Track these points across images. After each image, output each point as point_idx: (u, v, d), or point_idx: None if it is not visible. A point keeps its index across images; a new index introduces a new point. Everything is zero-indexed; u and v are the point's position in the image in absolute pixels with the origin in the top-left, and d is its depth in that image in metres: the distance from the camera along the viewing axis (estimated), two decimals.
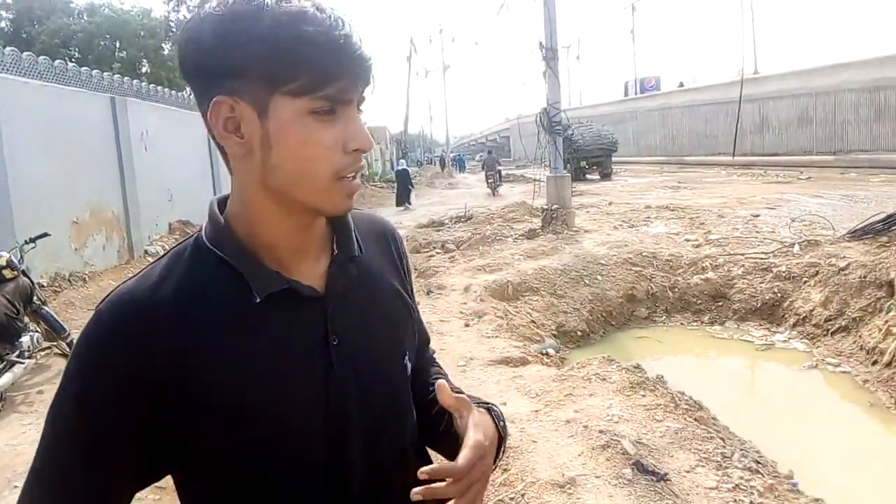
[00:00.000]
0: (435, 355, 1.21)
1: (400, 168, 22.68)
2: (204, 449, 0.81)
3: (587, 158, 24.88)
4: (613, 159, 26.17)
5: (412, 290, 1.07)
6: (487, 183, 22.90)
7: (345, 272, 0.89)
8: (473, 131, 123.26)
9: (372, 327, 0.91)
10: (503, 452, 0.99)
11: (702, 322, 7.25)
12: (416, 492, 0.79)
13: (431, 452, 1.05)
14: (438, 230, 13.38)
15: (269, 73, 0.75)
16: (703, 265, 7.85)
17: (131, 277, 0.85)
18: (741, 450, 3.37)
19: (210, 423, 0.79)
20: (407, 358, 0.96)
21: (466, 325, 6.24)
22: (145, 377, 0.77)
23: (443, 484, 0.79)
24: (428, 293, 7.53)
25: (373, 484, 0.89)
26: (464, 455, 0.81)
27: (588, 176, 25.06)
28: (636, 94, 46.28)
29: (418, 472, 0.80)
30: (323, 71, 0.75)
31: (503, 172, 25.56)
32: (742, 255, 7.88)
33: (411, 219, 15.87)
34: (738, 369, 6.37)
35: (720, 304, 7.35)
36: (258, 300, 0.80)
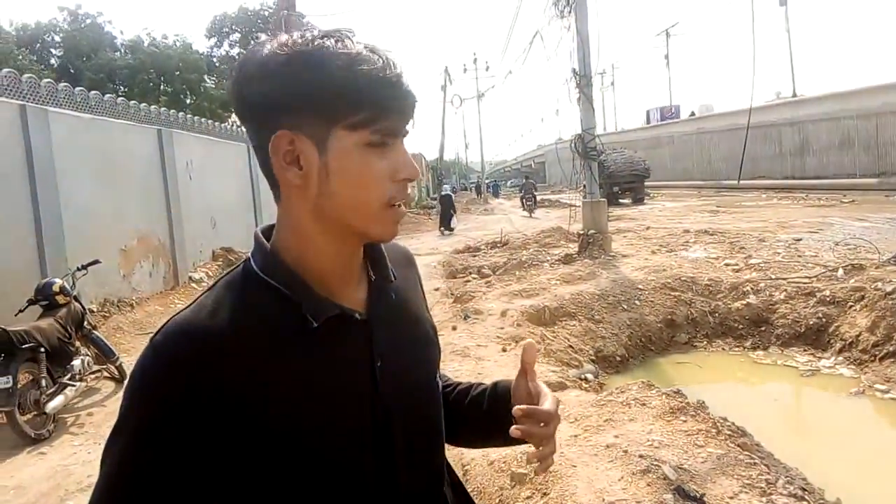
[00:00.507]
0: (470, 379, 1.29)
1: (444, 193, 23.59)
2: (257, 476, 0.82)
3: (619, 184, 25.05)
4: (649, 183, 26.23)
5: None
6: (524, 205, 25.48)
7: (384, 296, 0.95)
8: (507, 157, 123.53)
9: (409, 349, 0.96)
10: None
11: (744, 347, 7.13)
12: (515, 429, 0.90)
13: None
14: (475, 255, 13.43)
15: (330, 108, 0.81)
16: (744, 290, 7.73)
17: (184, 308, 0.86)
18: (786, 476, 3.31)
19: (264, 449, 0.81)
20: (438, 377, 1.03)
21: (504, 350, 6.24)
22: (201, 407, 0.79)
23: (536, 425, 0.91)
24: (465, 318, 7.56)
25: (413, 499, 0.93)
26: (548, 402, 0.95)
27: (621, 201, 25.08)
28: (657, 121, 46.63)
29: (514, 410, 0.91)
30: (379, 106, 0.81)
31: (538, 197, 27.17)
32: (784, 279, 7.75)
33: (448, 244, 15.96)
34: (783, 395, 6.24)
35: (762, 329, 7.22)
36: (315, 325, 0.84)
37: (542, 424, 0.93)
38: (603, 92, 54.22)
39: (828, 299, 7.03)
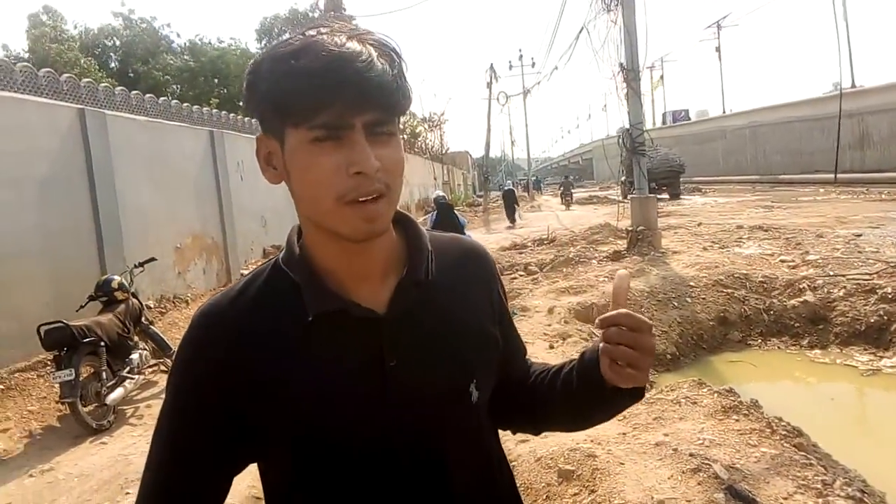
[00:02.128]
0: None
1: (506, 188, 25.31)
2: (273, 445, 0.89)
3: (656, 180, 25.06)
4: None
5: (505, 317, 1.06)
6: (563, 200, 29.35)
7: (408, 295, 0.91)
8: (552, 154, 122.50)
9: (433, 352, 0.91)
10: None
11: (800, 346, 6.92)
12: (599, 319, 0.88)
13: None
14: (521, 252, 13.37)
15: (274, 109, 0.82)
16: (801, 287, 7.50)
17: (217, 293, 0.94)
18: (844, 478, 3.21)
19: (273, 428, 0.87)
20: (474, 385, 0.94)
21: (551, 347, 6.21)
22: (220, 376, 0.86)
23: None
24: (512, 315, 7.53)
25: (438, 501, 0.91)
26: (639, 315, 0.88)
27: (658, 197, 25.26)
28: (672, 123, 48.18)
29: (596, 320, 0.88)
30: (310, 101, 0.78)
31: (574, 194, 31.20)
32: (843, 276, 7.49)
33: (494, 241, 15.92)
34: (842, 395, 6.03)
35: (820, 327, 7.00)
36: (310, 318, 0.85)
37: (627, 329, 0.86)
38: (654, 88, 53.23)
39: (890, 296, 6.77)
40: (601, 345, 0.89)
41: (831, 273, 7.66)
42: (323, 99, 0.78)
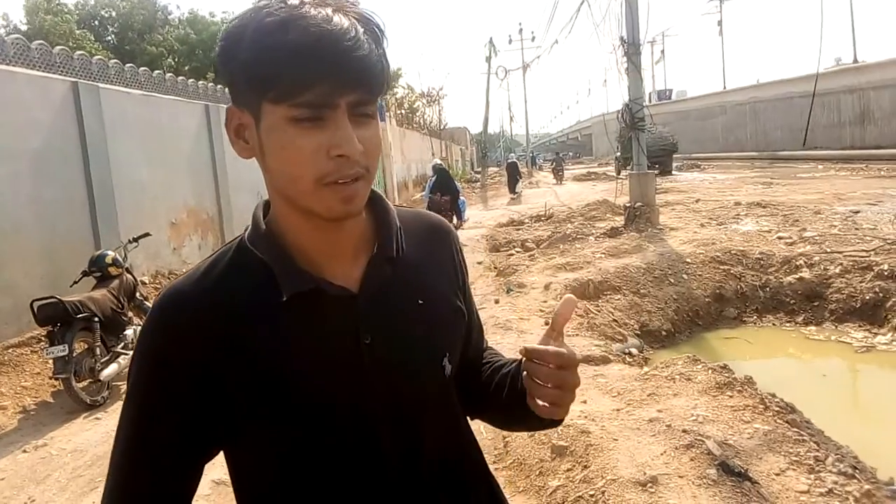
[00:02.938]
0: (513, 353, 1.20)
1: (510, 160, 25.94)
2: (246, 424, 0.86)
3: (650, 157, 25.36)
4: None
5: (466, 289, 1.06)
6: (555, 175, 31.04)
7: (380, 272, 0.90)
8: (551, 130, 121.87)
9: (407, 327, 0.91)
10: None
11: (796, 323, 6.93)
12: (524, 349, 0.87)
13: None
14: (518, 229, 13.35)
15: (253, 82, 0.78)
16: (798, 263, 7.49)
17: (182, 274, 0.91)
18: (836, 454, 3.21)
19: (246, 406, 0.84)
20: (447, 359, 0.94)
21: (546, 324, 6.19)
22: (185, 360, 0.83)
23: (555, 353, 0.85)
24: (507, 291, 7.53)
25: (408, 478, 0.91)
26: (566, 349, 0.86)
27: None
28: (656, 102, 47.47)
29: (520, 349, 0.87)
30: (294, 79, 0.75)
31: (566, 171, 33.62)
32: (840, 252, 7.47)
33: (491, 217, 15.89)
34: (836, 372, 6.05)
35: (816, 304, 7.00)
36: (284, 298, 0.83)
37: (553, 367, 0.85)
38: (654, 63, 52.75)
39: (886, 273, 6.76)
40: (523, 374, 0.89)
41: (828, 250, 7.65)
42: (308, 78, 0.75)
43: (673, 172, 27.12)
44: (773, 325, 6.98)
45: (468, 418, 1.06)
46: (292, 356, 0.84)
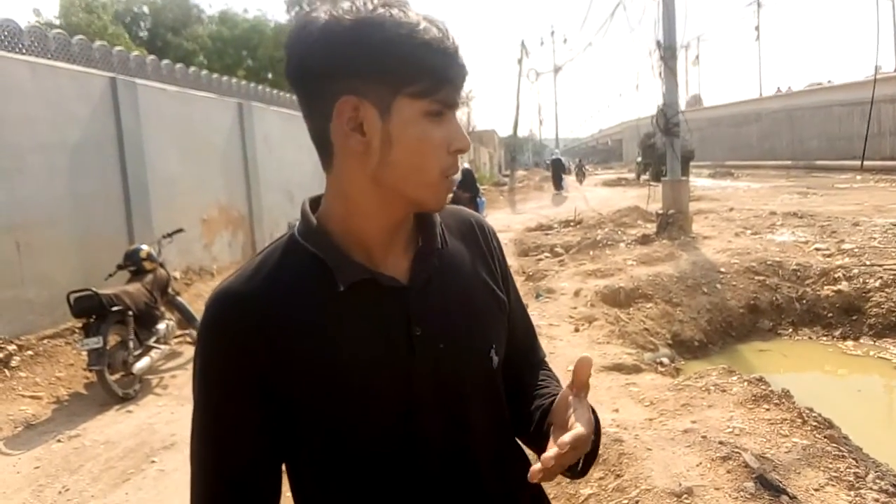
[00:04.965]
0: (546, 358, 1.20)
1: (554, 157, 27.90)
2: (301, 419, 0.87)
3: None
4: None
5: (507, 282, 1.07)
6: (577, 178, 32.21)
7: (428, 264, 0.93)
8: (581, 135, 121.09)
9: (455, 318, 0.93)
10: (590, 464, 0.97)
11: (833, 337, 6.76)
12: (535, 471, 0.81)
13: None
14: (547, 234, 13.26)
15: (396, 75, 0.81)
16: (836, 276, 7.32)
17: (233, 273, 0.93)
18: (877, 471, 3.12)
19: (299, 396, 0.86)
20: (493, 351, 0.97)
21: (576, 330, 6.14)
22: (245, 356, 0.85)
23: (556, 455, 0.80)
24: (537, 297, 7.47)
25: (455, 469, 0.92)
26: (576, 434, 0.81)
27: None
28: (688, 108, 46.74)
29: (542, 458, 0.80)
30: (439, 76, 0.82)
31: (587, 174, 35.89)
32: (880, 266, 7.28)
33: (519, 222, 15.81)
34: (875, 388, 5.89)
35: (854, 318, 6.83)
36: (341, 289, 0.86)
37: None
38: (688, 67, 52.18)
39: None
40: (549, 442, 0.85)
41: (867, 262, 7.46)
42: (448, 76, 0.83)
43: (690, 179, 27.35)
44: (809, 338, 6.82)
45: None
46: (349, 345, 0.86)
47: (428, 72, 0.81)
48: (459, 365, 0.92)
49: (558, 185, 24.55)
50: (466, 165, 13.25)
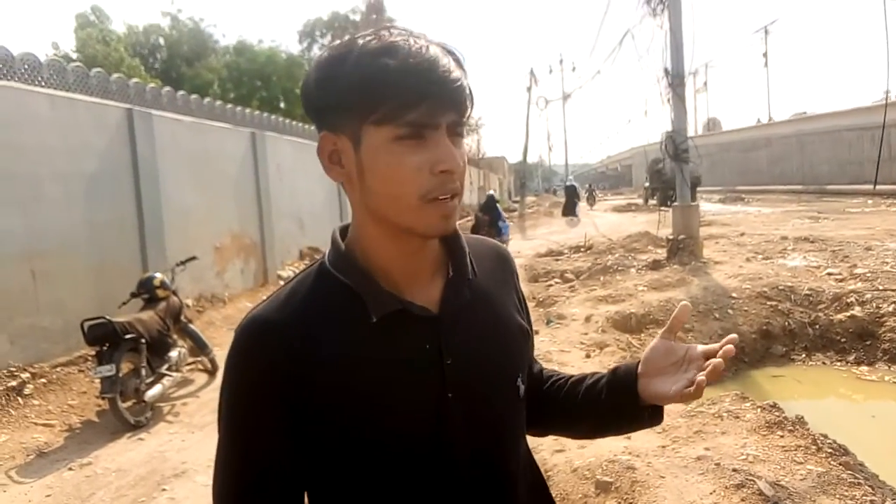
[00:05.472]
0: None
1: (568, 184, 28.06)
2: (331, 450, 0.87)
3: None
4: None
5: (527, 313, 1.10)
6: (588, 202, 32.95)
7: (459, 294, 0.93)
8: (590, 161, 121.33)
9: (485, 348, 0.93)
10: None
11: (847, 362, 6.69)
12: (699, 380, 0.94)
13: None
14: (557, 259, 13.25)
15: (356, 106, 0.82)
16: (849, 301, 7.27)
17: (263, 300, 0.93)
18: (893, 498, 3.08)
19: (330, 428, 0.86)
20: (520, 379, 0.98)
21: (587, 356, 6.11)
22: (275, 386, 0.85)
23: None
24: (547, 323, 7.45)
25: (485, 499, 0.93)
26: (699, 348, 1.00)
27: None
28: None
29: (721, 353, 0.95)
30: (401, 100, 0.80)
31: (597, 198, 38.10)
32: (893, 290, 7.23)
33: (530, 247, 15.81)
34: (890, 414, 5.80)
35: (868, 343, 6.76)
36: (374, 320, 0.86)
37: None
38: (696, 93, 52.39)
39: None
40: (697, 375, 0.96)
41: (880, 287, 7.40)
42: (414, 97, 0.80)
43: (699, 204, 27.61)
44: (823, 363, 6.76)
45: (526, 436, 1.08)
46: (381, 375, 0.86)
47: (387, 97, 0.80)
48: (489, 395, 0.93)
49: (573, 211, 24.74)
50: (491, 192, 14.18)
